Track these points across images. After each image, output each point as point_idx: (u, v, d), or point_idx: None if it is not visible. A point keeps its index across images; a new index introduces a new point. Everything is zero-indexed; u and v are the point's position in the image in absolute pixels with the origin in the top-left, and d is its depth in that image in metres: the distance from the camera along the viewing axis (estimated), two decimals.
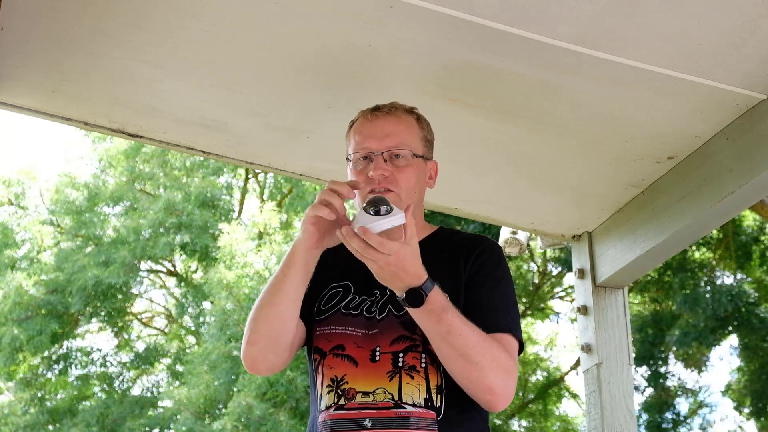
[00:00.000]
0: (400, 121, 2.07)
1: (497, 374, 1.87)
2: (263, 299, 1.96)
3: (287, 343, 1.98)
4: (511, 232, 5.60)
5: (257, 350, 1.97)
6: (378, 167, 2.00)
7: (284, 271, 1.94)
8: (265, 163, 2.92)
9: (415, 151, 2.05)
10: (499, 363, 1.88)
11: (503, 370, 1.88)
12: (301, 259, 1.92)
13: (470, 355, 1.85)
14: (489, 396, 1.88)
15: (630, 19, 2.16)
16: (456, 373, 1.88)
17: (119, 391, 13.61)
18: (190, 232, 12.47)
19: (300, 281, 1.94)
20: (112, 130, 2.69)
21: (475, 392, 1.89)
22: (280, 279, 1.94)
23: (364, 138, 2.05)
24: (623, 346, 3.03)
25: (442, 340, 1.85)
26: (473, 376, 1.86)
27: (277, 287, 1.94)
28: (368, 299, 2.00)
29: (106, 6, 2.21)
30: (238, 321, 10.57)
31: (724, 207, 2.58)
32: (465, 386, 1.89)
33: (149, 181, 13.70)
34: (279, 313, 1.94)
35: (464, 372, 1.87)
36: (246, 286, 10.68)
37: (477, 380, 1.87)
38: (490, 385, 1.87)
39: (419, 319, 1.86)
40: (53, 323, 12.37)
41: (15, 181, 14.13)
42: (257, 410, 9.92)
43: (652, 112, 2.54)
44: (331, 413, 1.91)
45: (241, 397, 10.09)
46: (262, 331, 1.95)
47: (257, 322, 1.96)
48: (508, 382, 1.89)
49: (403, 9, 2.16)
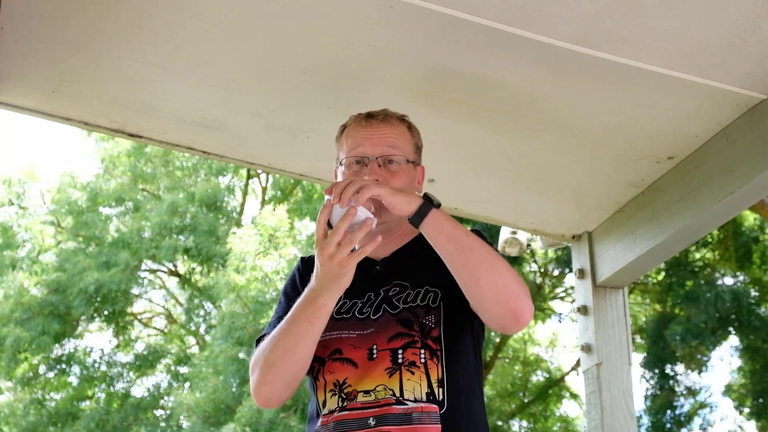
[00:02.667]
0: (394, 128, 2.10)
1: (518, 281, 1.87)
2: (281, 343, 1.92)
3: (300, 379, 2.00)
4: (511, 232, 5.60)
5: (272, 390, 1.97)
6: (373, 172, 2.02)
7: (309, 320, 1.89)
8: (265, 163, 2.92)
9: (407, 156, 2.09)
10: (513, 272, 1.88)
11: (519, 278, 1.89)
12: (327, 305, 1.88)
13: (490, 258, 1.85)
14: (516, 302, 1.85)
15: (630, 19, 2.16)
16: (481, 282, 1.85)
17: (120, 392, 13.60)
18: (194, 234, 12.46)
19: (322, 326, 1.91)
20: (112, 130, 2.69)
21: (503, 302, 1.86)
22: (305, 327, 1.89)
23: (358, 143, 2.07)
24: (623, 346, 3.03)
25: (462, 244, 1.86)
26: (500, 283, 1.84)
27: (299, 334, 1.90)
28: (359, 301, 2.01)
29: (106, 6, 2.21)
30: (246, 324, 10.56)
31: (724, 207, 2.58)
32: (492, 300, 1.86)
33: (151, 181, 13.70)
34: (300, 359, 1.93)
35: (489, 278, 1.84)
36: (255, 289, 10.67)
37: (503, 287, 1.84)
38: (516, 292, 1.86)
39: (435, 227, 1.87)
40: (54, 324, 12.37)
41: (16, 181, 14.12)
42: (267, 414, 9.90)
43: (652, 112, 2.54)
44: (335, 415, 1.91)
45: (250, 401, 10.07)
46: (278, 374, 1.94)
47: (276, 366, 1.94)
48: (527, 291, 1.89)
49: (403, 9, 2.16)
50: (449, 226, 1.88)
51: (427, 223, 1.87)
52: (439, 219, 1.87)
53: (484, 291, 1.87)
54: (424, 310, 1.96)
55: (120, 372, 13.95)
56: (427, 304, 1.96)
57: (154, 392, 13.80)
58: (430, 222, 1.87)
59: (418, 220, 1.87)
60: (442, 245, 1.89)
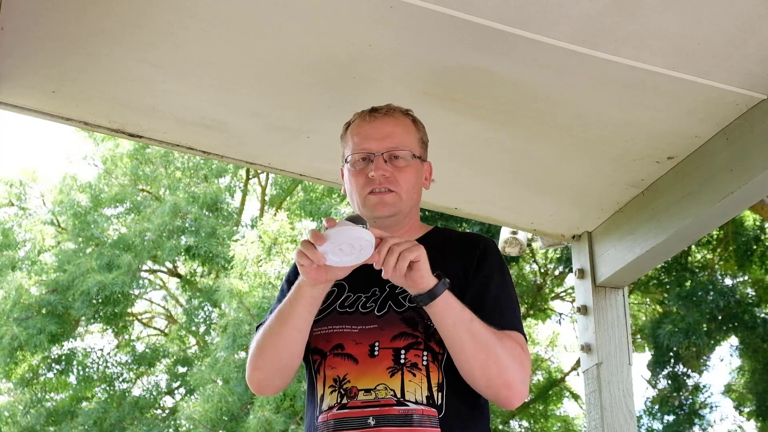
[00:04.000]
0: (399, 123, 2.07)
1: (515, 368, 1.86)
2: (270, 328, 1.96)
3: (293, 367, 2.00)
4: (511, 232, 5.61)
5: (263, 376, 1.99)
6: (379, 168, 2.00)
7: (291, 303, 1.93)
8: (265, 163, 2.92)
9: (413, 151, 2.06)
10: (515, 356, 1.87)
11: (519, 364, 1.88)
12: (308, 293, 1.90)
13: (490, 346, 1.83)
14: (506, 392, 1.86)
15: (630, 19, 2.16)
16: (475, 369, 1.85)
17: (119, 392, 13.60)
18: (196, 235, 12.46)
19: (308, 313, 1.93)
20: (112, 130, 2.69)
21: (493, 388, 1.87)
22: (288, 311, 1.93)
23: (363, 139, 2.05)
24: (623, 346, 3.03)
25: (466, 330, 1.82)
26: (493, 371, 1.84)
27: (284, 318, 1.94)
28: (363, 296, 1.99)
29: (106, 6, 2.21)
30: (250, 331, 10.55)
31: (724, 207, 2.58)
32: (483, 383, 1.87)
33: (152, 182, 13.70)
34: (286, 344, 1.95)
35: (484, 366, 1.84)
36: (258, 295, 10.66)
37: (496, 375, 1.85)
38: (509, 381, 1.86)
39: (445, 309, 1.82)
40: (53, 324, 12.36)
41: (16, 181, 14.12)
42: (277, 424, 9.88)
43: (652, 112, 2.54)
44: (334, 413, 1.90)
45: (259, 412, 10.05)
46: (268, 359, 1.97)
47: (264, 350, 1.97)
48: (524, 378, 1.89)
49: (403, 9, 2.16)
50: (457, 310, 1.83)
51: (438, 302, 1.82)
52: (451, 301, 1.83)
53: (476, 377, 1.87)
54: None
55: (120, 372, 13.95)
56: None
57: (154, 392, 13.80)
58: (441, 301, 1.82)
59: (427, 299, 1.82)
60: (446, 328, 1.85)
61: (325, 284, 1.89)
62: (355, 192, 2.04)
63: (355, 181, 2.04)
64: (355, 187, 2.04)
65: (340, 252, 1.78)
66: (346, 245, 1.77)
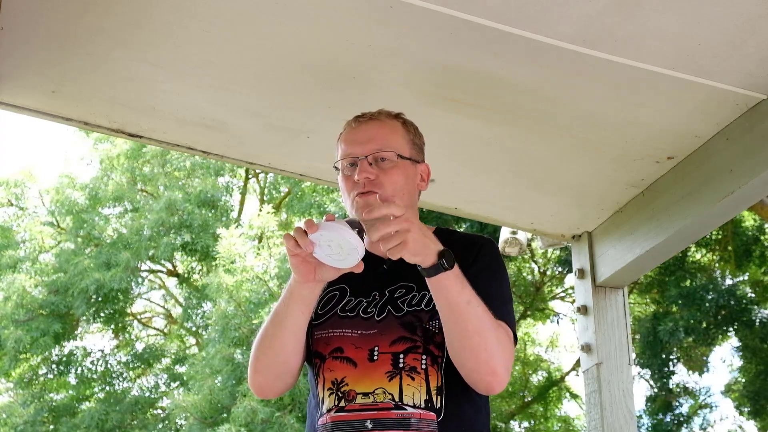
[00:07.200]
0: (383, 125, 2.07)
1: (502, 356, 1.87)
2: (266, 331, 1.98)
3: (293, 370, 2.01)
4: (511, 232, 5.61)
5: (263, 379, 2.01)
6: (363, 171, 1.99)
7: (284, 303, 1.94)
8: (265, 163, 2.92)
9: (400, 152, 2.04)
10: (503, 344, 1.88)
11: (506, 352, 1.89)
12: (298, 293, 1.92)
13: (483, 330, 1.84)
14: (491, 377, 1.87)
15: (630, 19, 2.16)
16: (466, 351, 1.85)
17: (118, 392, 13.60)
18: (191, 232, 12.47)
19: (300, 313, 1.94)
20: (112, 130, 2.69)
21: (479, 373, 1.87)
22: (281, 312, 1.95)
23: (348, 145, 2.06)
24: (623, 346, 3.04)
25: (463, 311, 1.83)
26: (482, 356, 1.85)
27: (278, 320, 1.95)
28: (365, 300, 2.00)
29: (106, 6, 2.21)
30: (240, 325, 10.57)
31: (724, 207, 2.58)
32: (470, 367, 1.87)
33: (150, 182, 13.70)
34: (282, 346, 1.96)
35: (475, 349, 1.84)
36: (247, 290, 10.68)
37: (485, 360, 1.85)
38: (495, 367, 1.86)
39: (447, 287, 1.82)
40: (55, 324, 12.37)
41: (15, 182, 14.12)
42: (261, 414, 9.91)
43: (652, 112, 2.54)
44: (332, 415, 1.91)
45: (245, 401, 10.08)
46: (266, 362, 1.99)
47: (262, 353, 1.99)
48: (508, 367, 1.90)
49: (403, 9, 2.16)
50: (456, 290, 1.83)
51: (440, 278, 1.82)
52: (447, 282, 1.82)
53: (465, 358, 1.87)
54: (428, 315, 1.94)
55: (120, 372, 13.95)
56: (432, 308, 1.93)
57: (153, 392, 13.80)
58: (444, 277, 1.82)
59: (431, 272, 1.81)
60: (442, 305, 1.86)
61: (315, 285, 1.90)
62: (346, 196, 2.06)
63: (345, 185, 2.05)
64: (345, 192, 2.06)
65: (328, 248, 1.79)
66: (335, 245, 1.78)
